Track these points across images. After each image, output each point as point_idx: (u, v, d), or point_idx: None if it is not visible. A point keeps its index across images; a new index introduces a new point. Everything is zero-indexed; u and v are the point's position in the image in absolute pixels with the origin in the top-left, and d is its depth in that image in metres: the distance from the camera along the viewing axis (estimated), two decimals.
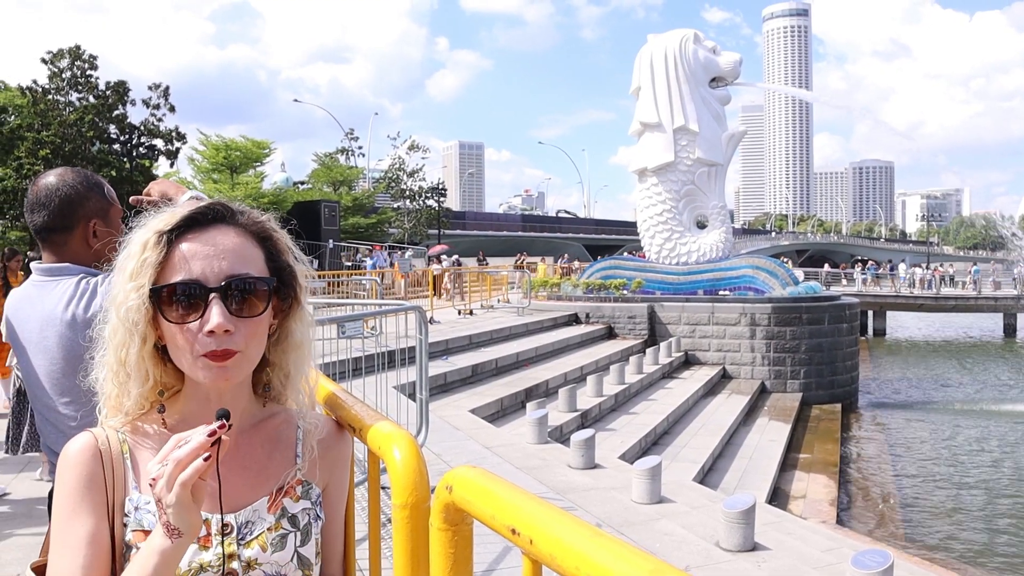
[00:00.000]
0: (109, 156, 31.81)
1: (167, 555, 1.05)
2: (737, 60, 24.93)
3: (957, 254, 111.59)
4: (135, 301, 1.17)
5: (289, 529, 1.25)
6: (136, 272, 1.18)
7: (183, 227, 1.21)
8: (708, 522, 6.70)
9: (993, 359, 32.61)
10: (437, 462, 7.46)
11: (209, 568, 1.18)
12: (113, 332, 1.21)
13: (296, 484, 1.30)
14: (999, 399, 22.77)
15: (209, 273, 1.18)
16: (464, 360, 13.44)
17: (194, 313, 1.16)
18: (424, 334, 6.49)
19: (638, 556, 0.82)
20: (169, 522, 1.03)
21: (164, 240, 1.19)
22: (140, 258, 1.19)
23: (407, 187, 49.02)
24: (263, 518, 1.24)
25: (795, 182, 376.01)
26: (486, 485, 1.06)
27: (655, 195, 24.17)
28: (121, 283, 1.21)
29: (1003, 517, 12.42)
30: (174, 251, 1.19)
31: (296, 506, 1.28)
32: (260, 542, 1.22)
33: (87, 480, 1.18)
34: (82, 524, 1.16)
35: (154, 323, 1.20)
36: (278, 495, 1.27)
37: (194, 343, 1.16)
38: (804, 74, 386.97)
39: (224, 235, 1.22)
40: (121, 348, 1.21)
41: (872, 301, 39.83)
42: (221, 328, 1.15)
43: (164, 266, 1.19)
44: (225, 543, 1.20)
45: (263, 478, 1.28)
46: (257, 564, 1.21)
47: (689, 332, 20.61)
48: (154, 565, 1.05)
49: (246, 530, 1.22)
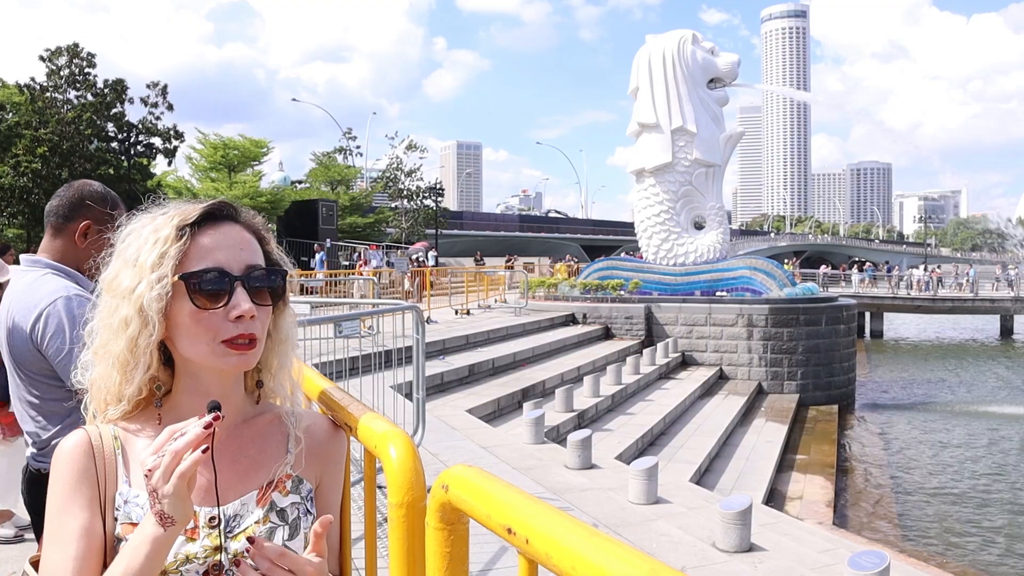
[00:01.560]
0: (107, 154, 31.81)
1: (159, 542, 1.08)
2: (735, 61, 24.95)
3: (954, 255, 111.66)
4: (159, 291, 1.20)
5: (277, 523, 1.27)
6: (156, 263, 1.21)
7: (200, 221, 1.26)
8: (705, 523, 6.71)
9: (990, 361, 32.68)
10: (434, 462, 7.46)
11: (195, 559, 1.19)
12: (124, 322, 1.23)
13: (286, 479, 1.31)
14: (996, 400, 22.82)
15: (233, 262, 1.24)
16: (461, 360, 13.44)
17: (219, 300, 1.21)
18: (421, 334, 6.49)
19: (635, 556, 0.82)
20: (163, 511, 1.06)
21: (187, 233, 1.23)
22: (160, 250, 1.22)
23: (405, 187, 48.99)
24: (251, 511, 1.26)
25: (793, 183, 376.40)
26: (482, 484, 1.06)
27: (653, 196, 24.17)
28: (134, 274, 1.23)
29: (999, 518, 12.45)
30: (194, 243, 1.24)
31: (285, 500, 1.29)
32: (248, 535, 1.23)
33: (79, 475, 1.20)
34: (74, 518, 1.18)
35: (163, 315, 1.22)
36: (267, 489, 1.29)
37: (218, 329, 1.21)
38: (802, 75, 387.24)
39: (235, 230, 1.28)
40: (135, 337, 1.23)
41: (869, 303, 39.88)
42: (250, 312, 1.21)
43: (184, 257, 1.23)
44: (212, 535, 1.21)
45: (253, 472, 1.29)
46: (244, 557, 1.22)
47: (686, 333, 20.62)
48: (146, 553, 1.08)
49: (234, 523, 1.24)
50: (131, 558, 1.09)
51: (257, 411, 1.36)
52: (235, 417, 1.31)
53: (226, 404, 1.23)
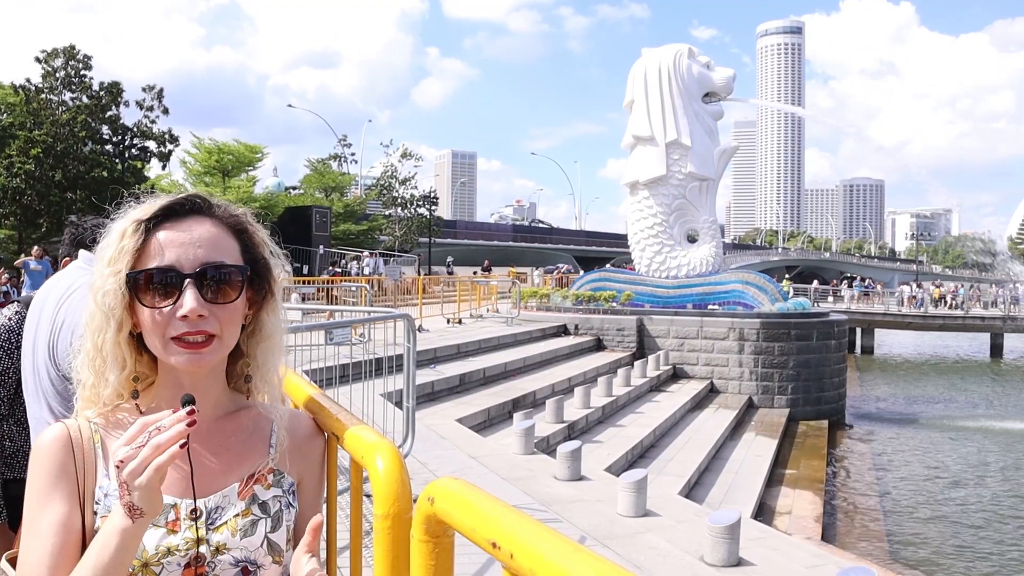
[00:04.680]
0: (101, 157, 31.69)
1: (128, 534, 1.09)
2: (731, 76, 25.08)
3: (945, 273, 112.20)
4: (112, 286, 1.21)
5: (259, 515, 1.28)
6: (114, 258, 1.23)
7: (161, 216, 1.25)
8: (693, 536, 6.69)
9: (979, 378, 32.81)
10: (423, 471, 7.43)
11: (176, 552, 1.20)
12: (91, 318, 1.25)
13: (268, 472, 1.32)
14: (985, 417, 22.92)
15: (184, 260, 1.22)
16: (452, 369, 13.40)
17: (169, 298, 1.21)
18: (412, 342, 6.47)
19: (620, 573, 0.81)
20: (132, 503, 1.06)
21: (142, 228, 1.23)
22: (118, 245, 1.23)
23: (399, 195, 48.97)
24: (233, 503, 1.27)
25: (786, 198, 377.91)
26: (468, 497, 1.05)
27: (646, 208, 24.23)
28: (99, 270, 1.24)
29: (987, 534, 12.47)
30: (151, 239, 1.24)
31: (267, 493, 1.30)
32: (230, 527, 1.25)
33: (58, 469, 1.21)
34: (52, 511, 1.18)
35: (131, 310, 1.23)
36: (249, 482, 1.30)
37: (167, 327, 1.20)
38: (797, 91, 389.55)
39: (200, 225, 1.27)
40: (98, 333, 1.24)
41: (861, 319, 39.99)
42: (194, 313, 1.19)
43: (141, 253, 1.23)
44: (194, 527, 1.22)
45: (235, 465, 1.30)
46: (226, 549, 1.24)
47: (678, 346, 20.64)
48: (115, 545, 1.08)
49: (215, 515, 1.25)
50: (101, 550, 1.09)
51: (239, 406, 1.37)
52: (213, 411, 1.31)
53: (202, 398, 1.23)
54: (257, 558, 1.26)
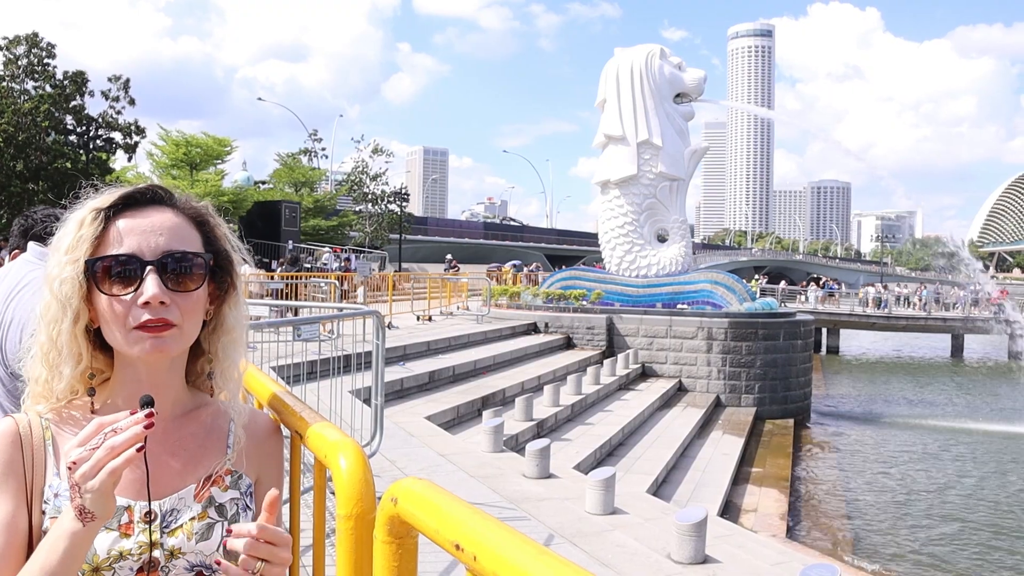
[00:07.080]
0: (64, 147, 31.08)
1: (78, 538, 1.05)
2: (702, 77, 25.28)
3: (909, 275, 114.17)
4: (69, 273, 1.18)
5: (216, 518, 1.24)
6: (72, 247, 1.19)
7: (120, 205, 1.23)
8: (660, 534, 6.73)
9: (941, 378, 33.44)
10: (391, 468, 7.40)
11: (129, 556, 1.16)
12: (46, 308, 1.21)
13: (225, 474, 1.29)
14: (947, 416, 23.36)
15: (146, 248, 1.20)
16: (421, 366, 13.36)
17: (129, 286, 1.18)
18: (381, 339, 6.43)
19: (583, 575, 0.80)
20: (83, 506, 1.03)
21: (101, 216, 1.20)
22: (76, 234, 1.20)
23: (370, 190, 48.66)
24: (189, 506, 1.23)
25: (755, 199, 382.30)
26: (431, 498, 1.04)
27: (617, 207, 24.34)
28: (56, 259, 1.21)
29: (950, 530, 12.70)
30: (110, 227, 1.21)
31: (224, 495, 1.27)
32: (185, 530, 1.21)
33: (4, 466, 1.17)
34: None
35: (88, 301, 1.20)
36: (206, 484, 1.26)
37: (128, 316, 1.17)
38: (767, 93, 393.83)
39: (162, 214, 1.25)
40: (53, 324, 1.20)
41: (827, 319, 40.57)
42: (156, 299, 1.16)
43: (100, 242, 1.20)
44: (147, 531, 1.18)
45: (191, 466, 1.27)
46: (181, 553, 1.20)
47: (647, 344, 20.76)
48: (64, 548, 1.05)
49: (171, 518, 1.21)
50: (48, 553, 1.05)
51: (197, 403, 1.33)
52: (172, 409, 1.28)
53: (161, 395, 1.20)
54: (212, 563, 1.22)
